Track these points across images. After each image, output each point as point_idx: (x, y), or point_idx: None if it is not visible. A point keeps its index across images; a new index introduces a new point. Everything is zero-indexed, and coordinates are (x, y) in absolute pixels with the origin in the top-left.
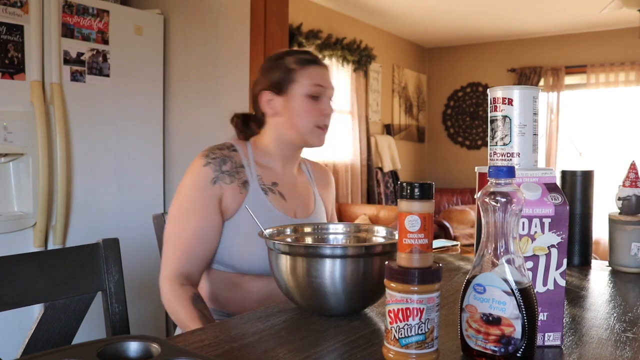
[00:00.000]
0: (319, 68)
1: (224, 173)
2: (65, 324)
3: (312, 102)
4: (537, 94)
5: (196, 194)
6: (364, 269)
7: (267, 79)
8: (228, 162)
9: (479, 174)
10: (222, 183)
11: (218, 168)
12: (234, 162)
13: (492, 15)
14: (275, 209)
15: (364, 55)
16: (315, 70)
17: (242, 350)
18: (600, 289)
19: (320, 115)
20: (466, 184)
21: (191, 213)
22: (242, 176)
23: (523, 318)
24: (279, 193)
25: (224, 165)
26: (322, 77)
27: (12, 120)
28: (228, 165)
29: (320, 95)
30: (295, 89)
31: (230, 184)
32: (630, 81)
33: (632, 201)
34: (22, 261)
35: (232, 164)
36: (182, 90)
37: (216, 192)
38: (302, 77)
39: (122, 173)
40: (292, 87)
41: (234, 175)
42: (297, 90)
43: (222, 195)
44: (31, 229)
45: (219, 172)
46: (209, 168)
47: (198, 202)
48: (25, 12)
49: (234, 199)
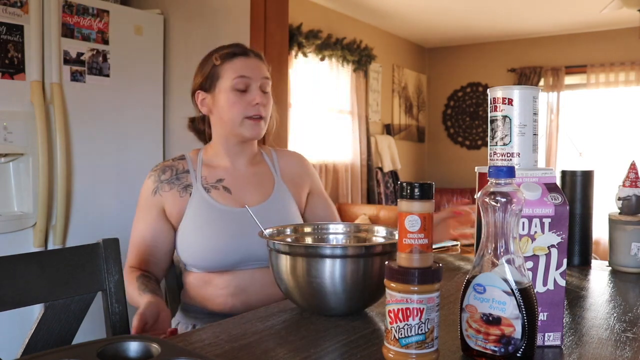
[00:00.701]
0: (245, 59)
1: (163, 182)
2: (65, 324)
3: (238, 95)
4: (537, 94)
5: (142, 204)
6: (364, 269)
7: (198, 79)
8: (167, 171)
9: (479, 174)
10: (161, 192)
11: (157, 179)
12: (175, 170)
13: (492, 15)
14: (218, 204)
15: (364, 55)
16: (240, 62)
17: (242, 350)
18: (600, 289)
19: (248, 106)
20: (466, 184)
21: (140, 220)
22: (183, 181)
23: (523, 318)
24: (223, 188)
25: (162, 175)
26: (248, 68)
27: (12, 120)
28: (167, 174)
29: (247, 86)
30: (220, 84)
31: (170, 191)
32: (630, 81)
33: (632, 201)
34: (22, 261)
35: (172, 172)
36: (182, 90)
37: (157, 201)
38: (226, 72)
39: (122, 173)
40: (218, 83)
41: (173, 182)
42: (222, 85)
43: (164, 203)
44: (31, 229)
45: (158, 182)
46: (150, 180)
47: (143, 211)
48: (25, 12)
49: (175, 204)
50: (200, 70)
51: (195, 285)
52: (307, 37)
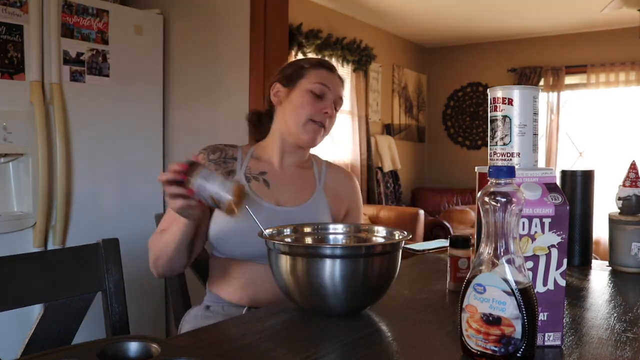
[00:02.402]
0: (329, 72)
1: (211, 161)
2: (65, 324)
3: (313, 98)
4: (537, 93)
5: None
6: (364, 269)
7: (281, 74)
8: (217, 152)
9: (479, 174)
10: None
11: (206, 156)
12: (225, 153)
13: (492, 15)
14: (253, 194)
15: (364, 55)
16: (325, 72)
17: (242, 350)
18: (601, 289)
19: (317, 111)
20: (466, 184)
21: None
22: (229, 166)
23: (523, 318)
24: (263, 181)
25: (212, 155)
26: (330, 79)
27: (12, 120)
28: (216, 155)
29: (323, 94)
30: (301, 84)
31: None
32: (630, 81)
33: (632, 201)
34: (22, 261)
35: (221, 154)
36: (182, 90)
37: None
38: (310, 75)
39: (122, 173)
40: (299, 82)
41: (219, 164)
42: (302, 85)
43: None
44: (31, 229)
45: (206, 160)
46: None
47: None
48: (24, 12)
49: None
50: (284, 69)
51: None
52: (307, 37)
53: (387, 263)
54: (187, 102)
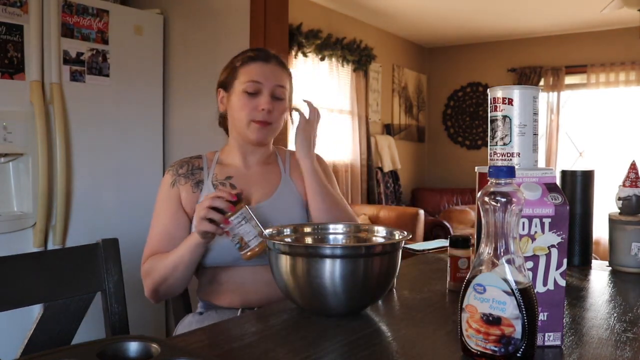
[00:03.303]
0: (263, 65)
1: (180, 175)
2: (65, 324)
3: (248, 98)
4: (537, 93)
5: (162, 197)
6: (364, 269)
7: (222, 76)
8: (184, 166)
9: (479, 174)
10: (178, 184)
11: (175, 172)
12: (191, 165)
13: (492, 15)
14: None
15: (364, 55)
16: (255, 67)
17: (242, 350)
18: (601, 289)
19: (254, 110)
20: (466, 184)
21: (160, 213)
22: (197, 177)
23: (523, 318)
24: (230, 185)
25: (180, 169)
26: (262, 73)
27: (12, 120)
28: (184, 169)
29: (257, 91)
30: (236, 86)
31: (185, 184)
32: (630, 81)
33: (632, 201)
34: (22, 261)
35: (189, 167)
36: (182, 90)
37: (175, 193)
38: (242, 74)
39: (122, 173)
40: (234, 84)
41: (188, 177)
42: (237, 87)
43: (180, 196)
44: (31, 229)
45: (175, 175)
46: (169, 174)
47: (164, 203)
48: (24, 12)
49: (188, 198)
50: (225, 69)
51: (203, 280)
52: (307, 37)
53: (387, 263)
54: (187, 102)
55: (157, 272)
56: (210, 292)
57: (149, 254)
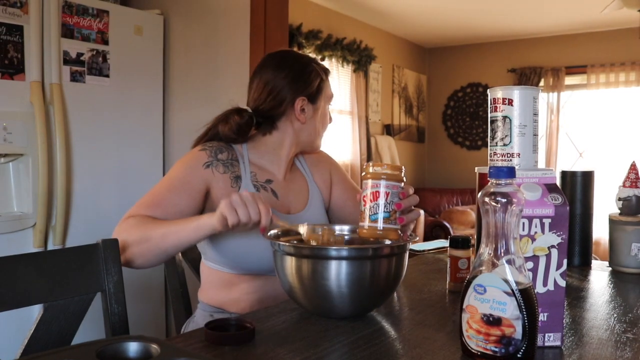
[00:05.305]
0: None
1: (219, 161)
2: (65, 325)
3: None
4: (537, 94)
5: (185, 170)
6: (371, 271)
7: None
8: (224, 152)
9: (479, 174)
10: (214, 169)
11: (213, 155)
12: (231, 154)
13: (492, 15)
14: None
15: (364, 56)
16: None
17: (242, 350)
18: (601, 290)
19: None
20: (466, 184)
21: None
22: (235, 170)
23: (523, 318)
24: (271, 191)
25: (220, 154)
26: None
27: (12, 120)
28: (224, 155)
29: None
30: (322, 99)
31: (223, 174)
32: (631, 81)
33: (632, 202)
34: (21, 261)
35: (229, 155)
36: (182, 90)
37: (205, 176)
38: (327, 87)
39: (122, 173)
40: (320, 97)
41: (228, 167)
42: (323, 100)
43: (212, 182)
44: (31, 229)
45: (213, 159)
46: (204, 152)
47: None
48: (25, 13)
49: (223, 190)
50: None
51: (216, 284)
52: (307, 37)
53: (395, 265)
54: (187, 102)
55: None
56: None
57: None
